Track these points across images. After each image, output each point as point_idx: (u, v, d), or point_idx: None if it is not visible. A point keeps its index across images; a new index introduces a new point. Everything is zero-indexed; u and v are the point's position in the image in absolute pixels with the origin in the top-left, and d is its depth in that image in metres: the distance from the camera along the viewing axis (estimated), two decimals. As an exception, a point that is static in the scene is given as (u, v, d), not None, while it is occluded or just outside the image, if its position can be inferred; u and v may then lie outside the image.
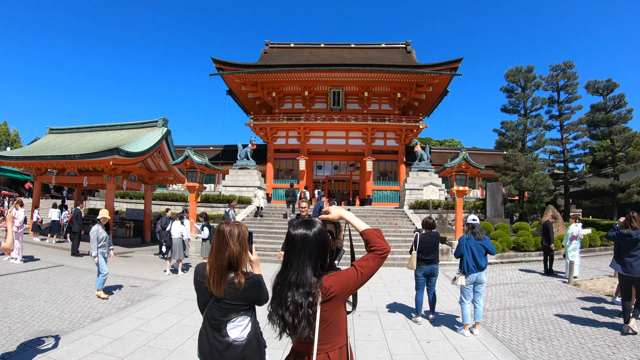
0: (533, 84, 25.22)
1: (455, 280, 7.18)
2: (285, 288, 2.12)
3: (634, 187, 21.90)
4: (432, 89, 32.16)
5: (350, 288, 2.14)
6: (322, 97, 34.51)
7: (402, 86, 32.72)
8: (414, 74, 30.79)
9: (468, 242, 7.16)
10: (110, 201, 18.60)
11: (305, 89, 33.44)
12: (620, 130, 22.77)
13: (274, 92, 33.68)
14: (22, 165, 20.16)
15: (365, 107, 34.21)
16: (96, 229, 9.04)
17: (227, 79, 32.40)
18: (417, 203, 24.40)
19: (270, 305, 2.22)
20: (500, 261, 15.78)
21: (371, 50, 37.91)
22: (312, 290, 2.06)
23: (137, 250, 17.94)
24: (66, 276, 11.36)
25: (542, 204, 23.53)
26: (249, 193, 26.53)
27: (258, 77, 31.77)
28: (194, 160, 17.46)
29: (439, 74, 30.38)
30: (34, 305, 8.08)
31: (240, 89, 33.49)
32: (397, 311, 8.55)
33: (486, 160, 32.09)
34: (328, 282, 2.10)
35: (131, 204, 27.79)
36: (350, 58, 34.81)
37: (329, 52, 37.26)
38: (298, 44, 39.11)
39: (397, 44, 38.37)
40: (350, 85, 33.30)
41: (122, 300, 8.89)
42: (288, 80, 32.53)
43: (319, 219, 2.34)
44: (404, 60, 34.35)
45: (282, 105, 34.87)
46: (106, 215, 9.19)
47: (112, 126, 21.19)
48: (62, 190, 39.82)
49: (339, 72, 30.86)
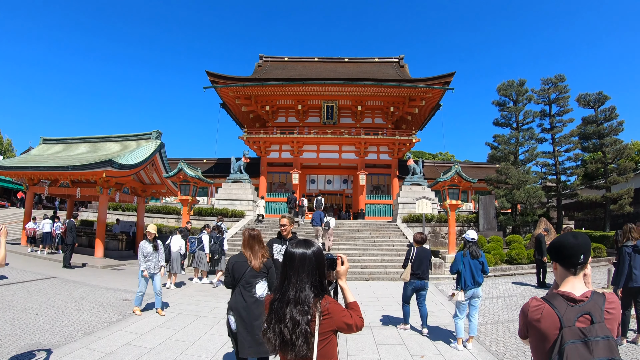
0: (525, 98, 25.47)
1: (454, 296, 7.21)
2: (283, 305, 2.15)
3: (626, 198, 22.05)
4: (425, 103, 32.39)
5: (343, 315, 2.24)
6: (315, 110, 34.66)
7: (395, 100, 32.96)
8: (407, 88, 31.04)
9: (465, 258, 7.21)
10: (102, 213, 18.52)
11: (298, 103, 33.58)
12: (611, 142, 22.96)
13: (267, 105, 33.79)
14: (14, 175, 20.05)
15: (359, 121, 34.37)
16: (142, 244, 9.04)
17: (221, 92, 32.49)
18: (410, 217, 24.42)
19: (266, 321, 2.23)
20: (494, 274, 15.80)
21: (364, 64, 38.25)
22: (310, 309, 2.10)
23: (129, 263, 17.81)
24: (58, 289, 11.25)
25: (534, 216, 23.64)
26: (241, 206, 26.46)
27: (252, 90, 31.89)
28: (187, 174, 17.46)
29: (432, 88, 30.65)
30: (25, 318, 8.00)
31: (234, 102, 33.56)
32: (390, 325, 8.54)
33: (479, 174, 32.23)
34: (324, 301, 2.17)
35: (124, 216, 27.62)
36: (344, 72, 35.09)
37: (322, 66, 37.53)
38: (292, 57, 39.39)
39: (390, 58, 38.76)
40: (343, 99, 33.49)
41: (114, 313, 8.82)
42: (282, 94, 32.66)
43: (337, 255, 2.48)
44: (397, 75, 34.67)
45: (275, 118, 34.97)
46: (152, 230, 9.08)
47: (105, 138, 21.16)
48: (54, 201, 39.61)
49: (332, 86, 31.05)
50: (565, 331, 1.99)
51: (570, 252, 2.16)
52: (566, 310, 2.06)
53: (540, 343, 2.11)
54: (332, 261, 2.43)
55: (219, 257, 14.13)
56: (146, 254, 8.93)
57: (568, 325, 2.00)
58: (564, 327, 2.00)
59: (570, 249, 2.16)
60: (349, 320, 2.24)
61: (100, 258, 17.60)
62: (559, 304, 2.09)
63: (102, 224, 18.37)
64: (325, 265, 2.30)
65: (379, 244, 19.99)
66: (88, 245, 20.20)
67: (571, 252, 2.16)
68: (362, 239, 21.20)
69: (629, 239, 7.13)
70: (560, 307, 2.08)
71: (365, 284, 14.15)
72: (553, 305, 2.09)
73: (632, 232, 7.14)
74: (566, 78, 25.17)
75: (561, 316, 2.04)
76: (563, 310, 2.05)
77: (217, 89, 32.08)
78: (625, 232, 7.25)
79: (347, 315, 2.25)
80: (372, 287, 13.64)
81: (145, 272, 8.86)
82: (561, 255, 2.21)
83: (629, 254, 6.96)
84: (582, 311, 2.04)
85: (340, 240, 20.39)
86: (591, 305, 2.06)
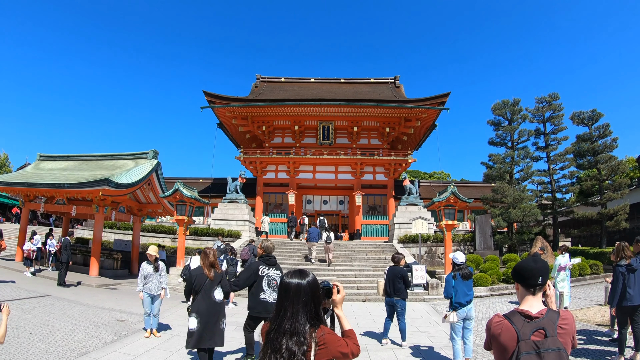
0: (519, 117, 25.73)
1: (447, 317, 7.20)
2: (279, 335, 2.15)
3: (622, 214, 22.14)
4: (420, 123, 32.68)
5: (339, 344, 2.26)
6: (311, 131, 34.83)
7: (391, 121, 33.22)
8: (403, 109, 31.36)
9: (456, 281, 7.23)
10: (98, 232, 18.44)
11: (295, 123, 33.77)
12: (606, 159, 23.10)
13: (264, 125, 33.96)
14: (10, 191, 20.02)
15: (355, 142, 34.53)
16: (142, 265, 9.00)
17: (218, 112, 32.67)
18: (406, 237, 24.39)
19: (262, 351, 2.24)
20: (491, 294, 15.76)
21: (360, 85, 38.60)
22: (305, 339, 2.12)
23: (124, 283, 17.68)
24: (52, 307, 11.14)
25: (531, 234, 23.67)
26: (237, 227, 26.37)
27: (249, 110, 32.12)
28: (183, 194, 17.45)
29: (427, 108, 30.92)
30: (19, 337, 7.92)
31: (230, 122, 33.73)
32: (387, 346, 8.49)
33: (475, 193, 32.36)
34: (320, 331, 2.18)
35: (119, 234, 27.46)
36: (340, 93, 35.37)
37: (319, 87, 37.86)
38: (289, 78, 39.72)
39: (386, 79, 39.15)
40: (339, 120, 33.72)
41: (108, 334, 8.73)
42: (278, 115, 32.90)
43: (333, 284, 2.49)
44: (392, 95, 34.98)
45: (272, 139, 35.12)
46: (152, 252, 8.99)
47: (102, 156, 21.18)
48: (49, 218, 39.37)
49: (328, 106, 31.28)
50: (522, 344, 2.29)
51: (530, 274, 2.47)
52: (523, 325, 2.35)
53: (501, 354, 2.41)
54: (328, 290, 2.44)
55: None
56: (146, 275, 8.87)
57: (524, 338, 2.30)
58: (520, 341, 2.30)
59: (530, 272, 2.47)
60: (344, 349, 2.27)
61: (95, 277, 17.45)
62: (517, 320, 2.39)
63: (97, 243, 18.27)
64: (320, 295, 2.31)
65: (375, 265, 19.89)
66: (83, 263, 20.03)
67: (530, 274, 2.47)
68: (358, 259, 21.12)
69: (622, 258, 7.15)
70: (517, 322, 2.37)
71: (361, 305, 14.08)
72: (512, 321, 2.38)
73: (625, 251, 7.16)
74: (560, 96, 25.55)
75: (518, 331, 2.33)
76: (520, 326, 2.35)
77: (214, 109, 32.25)
78: (618, 250, 7.27)
79: (342, 344, 2.27)
80: (368, 308, 13.58)
81: (140, 293, 8.79)
82: (522, 277, 2.52)
83: (622, 273, 6.98)
84: (537, 327, 2.33)
85: (337, 261, 20.30)
86: (545, 321, 2.35)
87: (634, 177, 34.05)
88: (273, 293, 6.37)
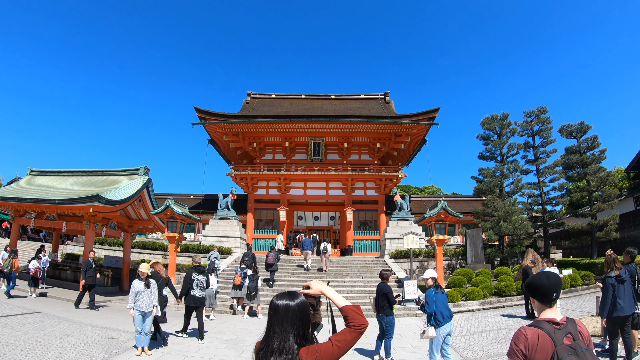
0: (508, 131, 26.05)
1: (425, 333, 7.09)
2: (268, 354, 2.20)
3: (612, 224, 22.35)
4: (410, 138, 32.91)
5: (332, 351, 2.23)
6: (302, 147, 34.96)
7: (381, 136, 33.47)
8: (393, 124, 31.61)
9: (437, 295, 7.26)
10: (88, 248, 18.24)
11: (286, 140, 33.92)
12: (595, 170, 23.40)
13: (255, 142, 34.07)
14: (0, 206, 19.79)
15: (345, 158, 34.71)
16: (133, 283, 8.99)
17: (209, 128, 32.71)
18: (397, 252, 24.39)
19: None
20: (482, 307, 15.78)
21: (351, 101, 38.90)
22: (294, 358, 2.15)
23: (114, 300, 17.49)
24: (42, 324, 11.00)
25: (522, 247, 23.76)
26: (229, 243, 26.30)
27: (240, 127, 32.22)
28: (174, 211, 17.41)
29: (417, 124, 31.18)
30: (10, 354, 7.83)
31: (222, 139, 33.77)
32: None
33: (465, 207, 32.50)
34: (303, 354, 2.19)
35: (110, 250, 27.20)
36: (330, 109, 35.61)
37: (309, 103, 38.11)
38: (279, 94, 39.97)
39: (376, 95, 39.51)
40: (330, 136, 33.93)
41: (99, 352, 8.64)
42: (269, 131, 33.07)
43: (300, 292, 2.44)
44: (382, 111, 35.26)
45: (263, 155, 35.21)
46: (144, 269, 9.05)
47: (93, 172, 21.08)
48: (39, 233, 38.88)
49: (319, 123, 31.46)
50: (559, 348, 2.42)
51: (546, 291, 2.64)
52: (554, 331, 2.49)
53: None
54: (311, 305, 2.46)
55: (255, 293, 14.92)
56: (137, 292, 8.82)
57: (559, 343, 2.44)
58: (556, 345, 2.43)
59: (545, 289, 2.64)
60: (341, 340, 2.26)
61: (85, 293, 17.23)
62: (548, 327, 2.52)
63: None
64: (309, 317, 2.35)
65: (367, 281, 19.85)
66: (73, 279, 19.75)
67: (546, 291, 2.64)
68: (350, 275, 21.09)
69: (612, 269, 7.26)
70: (549, 329, 2.51)
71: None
72: (544, 329, 2.51)
73: (616, 263, 7.27)
74: (548, 110, 25.92)
75: (552, 336, 2.47)
76: (552, 332, 2.49)
77: (205, 126, 32.29)
78: (608, 262, 7.37)
79: (329, 343, 2.26)
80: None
81: (131, 310, 8.74)
82: (538, 294, 2.69)
83: (612, 284, 7.07)
84: (565, 332, 2.49)
85: (328, 277, 20.25)
86: (570, 327, 2.52)
87: (623, 187, 34.41)
88: (200, 291, 10.56)
